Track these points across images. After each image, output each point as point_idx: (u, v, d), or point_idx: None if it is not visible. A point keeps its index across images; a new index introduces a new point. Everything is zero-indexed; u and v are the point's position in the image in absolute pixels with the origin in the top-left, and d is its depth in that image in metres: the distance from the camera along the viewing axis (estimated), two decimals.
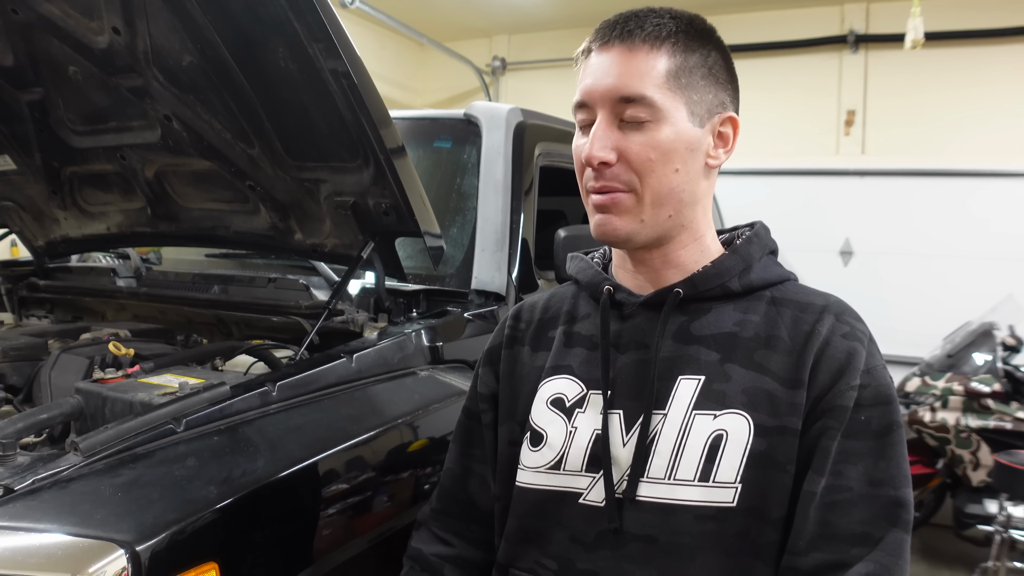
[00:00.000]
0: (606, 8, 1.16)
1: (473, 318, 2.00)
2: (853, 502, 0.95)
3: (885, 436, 0.97)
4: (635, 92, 1.00)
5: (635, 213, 1.02)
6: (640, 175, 1.01)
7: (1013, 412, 4.17)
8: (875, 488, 0.96)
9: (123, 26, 1.71)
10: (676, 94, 1.01)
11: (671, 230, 1.06)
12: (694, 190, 1.05)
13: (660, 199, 1.02)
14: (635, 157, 1.00)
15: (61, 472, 1.11)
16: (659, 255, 1.08)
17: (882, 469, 0.96)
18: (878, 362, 1.01)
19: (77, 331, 2.06)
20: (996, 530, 3.75)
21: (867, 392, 0.98)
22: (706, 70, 1.03)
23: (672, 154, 1.01)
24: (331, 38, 1.47)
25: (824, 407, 0.98)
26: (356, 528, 1.34)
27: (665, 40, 1.01)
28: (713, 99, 1.04)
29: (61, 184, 2.28)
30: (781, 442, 0.97)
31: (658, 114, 1.00)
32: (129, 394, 1.45)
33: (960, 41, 5.77)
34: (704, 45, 1.04)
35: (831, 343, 1.00)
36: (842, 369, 0.98)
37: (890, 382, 1.01)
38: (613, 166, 1.01)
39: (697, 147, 1.03)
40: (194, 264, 2.58)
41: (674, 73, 1.01)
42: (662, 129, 1.00)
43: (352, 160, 1.74)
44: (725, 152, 1.07)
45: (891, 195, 5.92)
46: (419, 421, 1.54)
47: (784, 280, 1.09)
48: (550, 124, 2.57)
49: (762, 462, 0.97)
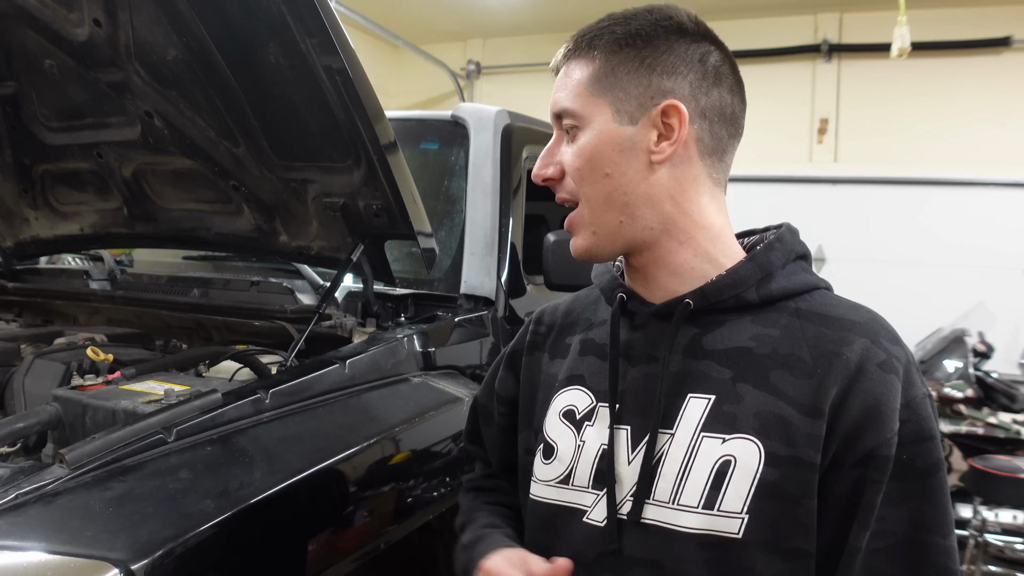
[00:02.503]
0: (581, 13, 1.14)
1: (463, 323, 1.96)
2: (897, 548, 0.89)
3: (930, 477, 0.90)
4: (560, 107, 1.00)
5: (586, 226, 1.01)
6: (577, 184, 1.00)
7: (984, 417, 4.23)
8: (921, 534, 0.89)
9: (104, 18, 1.65)
10: (597, 98, 0.97)
11: (640, 236, 0.99)
12: (643, 191, 0.97)
13: (599, 205, 0.99)
14: (568, 167, 1.00)
15: (46, 486, 1.05)
16: (652, 264, 1.01)
17: (929, 515, 0.89)
18: (918, 392, 0.92)
19: (50, 335, 1.97)
20: (971, 534, 3.79)
21: (907, 428, 0.90)
22: (637, 63, 0.97)
23: (597, 158, 0.97)
24: (327, 33, 1.43)
25: (862, 454, 0.89)
26: (360, 538, 1.30)
27: (588, 49, 0.99)
28: (644, 92, 0.96)
29: (33, 182, 2.20)
30: (795, 474, 0.90)
31: (581, 121, 0.98)
32: (111, 402, 1.39)
33: (932, 52, 5.87)
34: (643, 39, 0.97)
35: (865, 374, 0.90)
36: (879, 409, 0.89)
37: (931, 414, 0.92)
38: (562, 180, 1.02)
39: (629, 146, 0.97)
40: (170, 267, 2.50)
41: (594, 77, 0.98)
42: (585, 135, 0.98)
43: (342, 160, 1.69)
44: (670, 144, 0.97)
45: (864, 203, 6.00)
46: (416, 429, 1.50)
47: (811, 288, 1.01)
48: (536, 127, 2.54)
49: (772, 493, 0.90)
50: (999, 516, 3.87)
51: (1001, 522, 3.88)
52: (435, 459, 1.52)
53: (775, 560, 0.90)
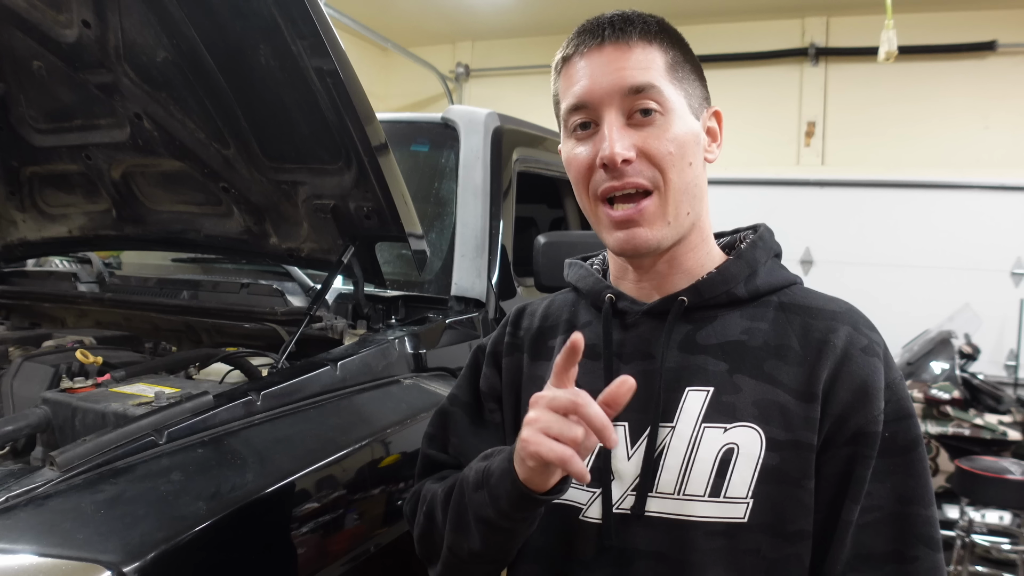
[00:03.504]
0: (570, 16, 1.15)
1: (454, 325, 1.96)
2: (884, 521, 0.94)
3: (910, 452, 0.95)
4: (646, 81, 0.97)
5: (662, 216, 0.98)
6: (662, 171, 0.97)
7: (971, 419, 4.26)
8: (905, 506, 0.94)
9: (94, 19, 1.64)
10: (676, 87, 0.99)
11: (686, 231, 1.02)
12: (703, 186, 1.03)
13: (680, 196, 0.99)
14: (655, 152, 0.97)
15: (36, 488, 1.04)
16: (667, 259, 1.04)
17: (911, 487, 0.94)
18: (896, 374, 0.98)
19: (38, 338, 1.96)
20: (958, 535, 3.81)
21: (890, 408, 0.95)
22: (691, 65, 1.03)
23: (686, 147, 0.98)
24: (318, 35, 1.42)
25: (852, 432, 0.94)
26: (351, 540, 1.29)
27: (656, 36, 1.00)
28: (701, 92, 1.04)
29: (20, 185, 2.19)
30: (795, 456, 0.94)
31: (668, 105, 0.97)
32: (101, 404, 1.38)
33: (918, 56, 5.92)
34: (683, 43, 1.04)
35: (850, 358, 0.96)
36: (866, 390, 0.95)
37: (908, 394, 0.98)
38: (632, 163, 0.97)
39: (699, 141, 1.01)
40: (159, 269, 2.49)
41: (671, 66, 1.00)
42: (675, 121, 0.98)
43: (333, 162, 1.69)
44: (717, 147, 1.05)
45: (850, 205, 6.04)
46: (408, 430, 1.49)
47: (790, 284, 1.06)
48: (526, 129, 2.54)
49: (775, 477, 0.94)
50: (986, 517, 3.90)
51: (987, 523, 3.91)
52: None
53: (779, 542, 0.94)
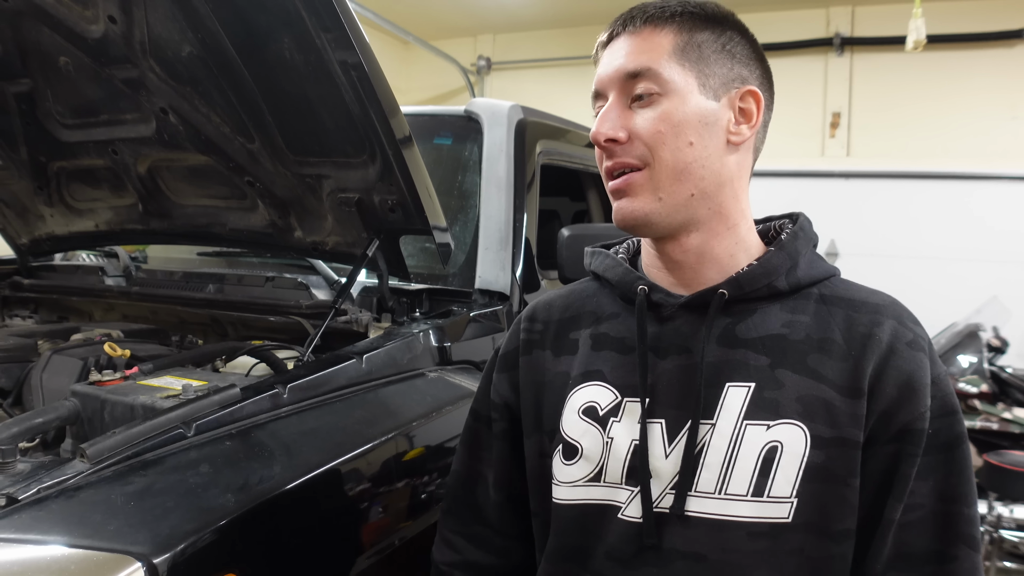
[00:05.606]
0: (592, 8, 1.14)
1: (478, 318, 1.96)
2: (926, 520, 0.93)
3: (954, 449, 0.93)
4: (640, 66, 0.97)
5: (651, 190, 0.97)
6: (652, 148, 0.97)
7: (999, 413, 4.20)
8: (947, 505, 0.93)
9: (119, 14, 1.65)
10: (685, 67, 0.98)
11: (699, 214, 1.00)
12: (716, 168, 0.99)
13: (676, 173, 0.97)
14: (644, 131, 0.97)
15: (67, 480, 1.05)
16: (694, 250, 1.01)
17: (953, 485, 0.93)
18: (940, 369, 0.96)
19: (66, 332, 1.98)
20: (986, 530, 3.76)
21: (935, 404, 0.94)
22: (719, 46, 1.00)
23: (683, 126, 0.97)
24: (343, 28, 1.42)
25: (897, 428, 0.93)
26: (376, 533, 1.29)
27: (669, 20, 0.99)
28: (728, 73, 1.00)
29: (48, 180, 2.21)
30: (841, 454, 0.92)
31: (666, 87, 0.97)
32: (130, 397, 1.39)
33: (945, 45, 5.83)
34: (718, 25, 1.01)
35: (896, 353, 0.95)
36: (912, 386, 0.93)
37: (952, 390, 0.96)
38: (624, 144, 0.98)
39: (712, 121, 0.98)
40: (184, 263, 2.51)
41: (681, 48, 0.98)
42: (671, 101, 0.97)
43: (358, 155, 1.69)
44: (749, 127, 1.01)
45: (876, 197, 5.97)
46: (433, 423, 1.49)
47: (830, 276, 1.03)
48: (549, 122, 2.53)
49: (820, 475, 0.92)
50: (1014, 512, 3.85)
51: (1016, 518, 3.85)
52: (451, 454, 1.51)
53: (824, 542, 0.92)
